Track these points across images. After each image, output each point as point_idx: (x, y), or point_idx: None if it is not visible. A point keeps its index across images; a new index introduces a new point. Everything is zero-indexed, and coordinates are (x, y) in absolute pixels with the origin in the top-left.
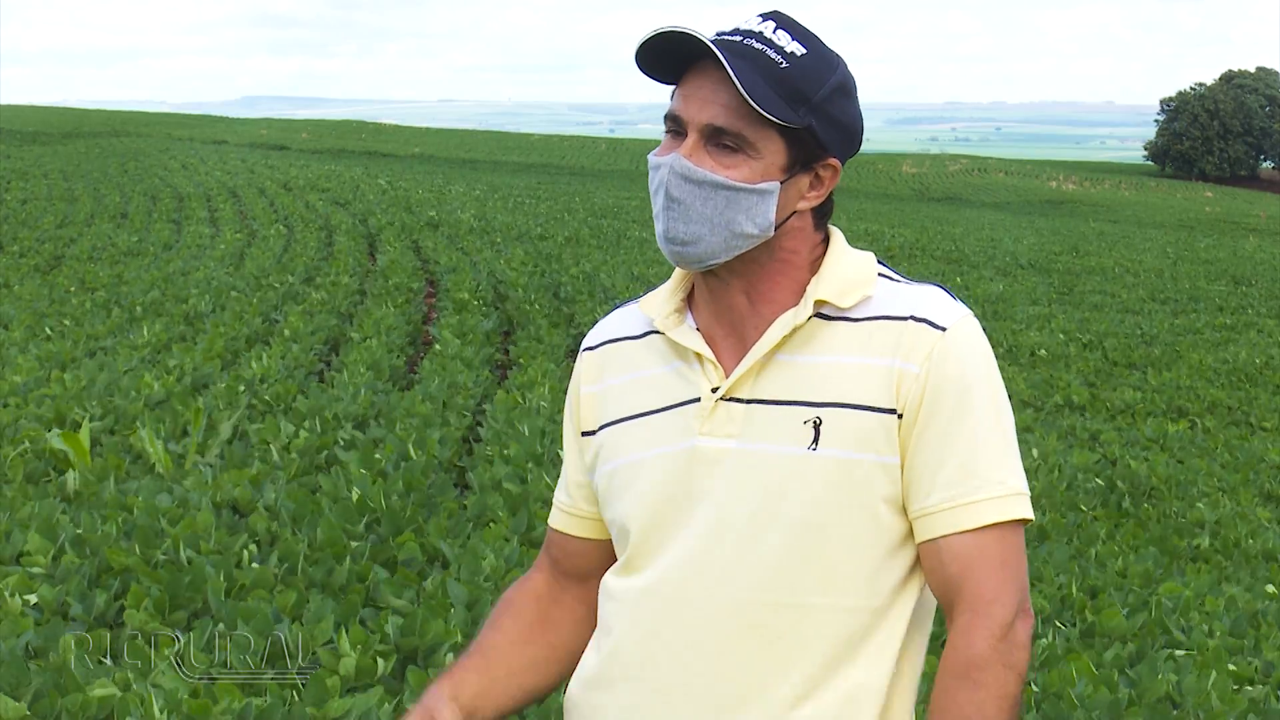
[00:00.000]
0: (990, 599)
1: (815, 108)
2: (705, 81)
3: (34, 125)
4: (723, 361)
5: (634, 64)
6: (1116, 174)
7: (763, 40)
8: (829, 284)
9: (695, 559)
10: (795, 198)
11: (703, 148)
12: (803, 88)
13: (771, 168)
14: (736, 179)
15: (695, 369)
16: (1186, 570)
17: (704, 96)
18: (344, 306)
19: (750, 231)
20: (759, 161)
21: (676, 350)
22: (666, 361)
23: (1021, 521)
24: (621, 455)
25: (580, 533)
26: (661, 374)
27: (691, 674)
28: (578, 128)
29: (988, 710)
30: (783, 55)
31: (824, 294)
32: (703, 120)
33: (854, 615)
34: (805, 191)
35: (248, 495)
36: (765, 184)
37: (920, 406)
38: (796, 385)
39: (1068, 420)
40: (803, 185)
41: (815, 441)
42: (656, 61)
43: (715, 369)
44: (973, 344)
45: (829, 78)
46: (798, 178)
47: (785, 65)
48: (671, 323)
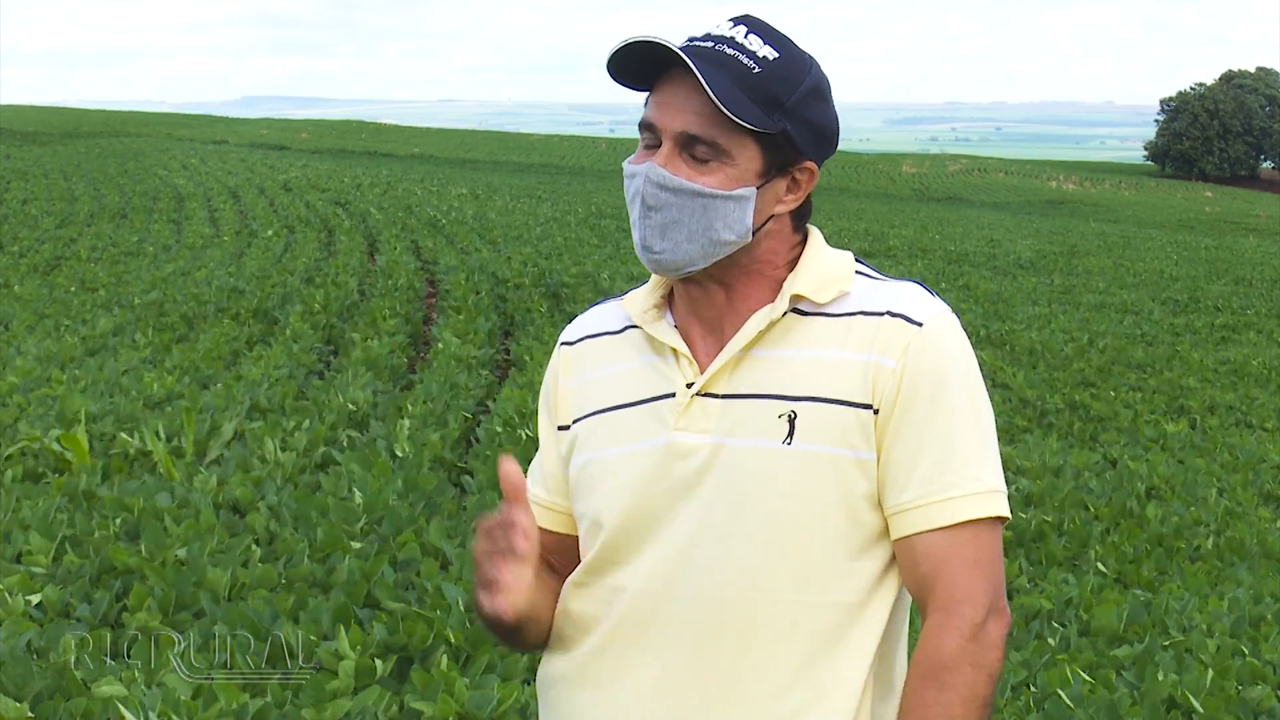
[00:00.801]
0: (961, 598)
1: (789, 111)
2: (678, 89)
3: (34, 125)
4: (698, 358)
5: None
6: (1116, 174)
7: (734, 45)
8: (806, 280)
9: (675, 556)
10: (772, 202)
11: (678, 155)
12: (776, 92)
13: (747, 173)
14: (712, 186)
15: (671, 364)
16: (1186, 570)
17: (677, 104)
18: (344, 306)
19: (728, 238)
20: (734, 168)
21: (653, 345)
22: (643, 356)
23: (998, 520)
24: (595, 448)
25: (556, 528)
26: (638, 368)
27: (673, 670)
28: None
29: (954, 711)
30: (755, 60)
31: (800, 289)
32: (676, 128)
33: (831, 610)
34: (782, 195)
35: (248, 495)
36: (741, 190)
37: (896, 402)
38: (772, 379)
39: (1068, 420)
40: (779, 189)
41: (790, 436)
42: (629, 70)
43: (691, 364)
44: (950, 339)
45: (802, 80)
46: (774, 182)
47: (758, 70)
48: (650, 318)
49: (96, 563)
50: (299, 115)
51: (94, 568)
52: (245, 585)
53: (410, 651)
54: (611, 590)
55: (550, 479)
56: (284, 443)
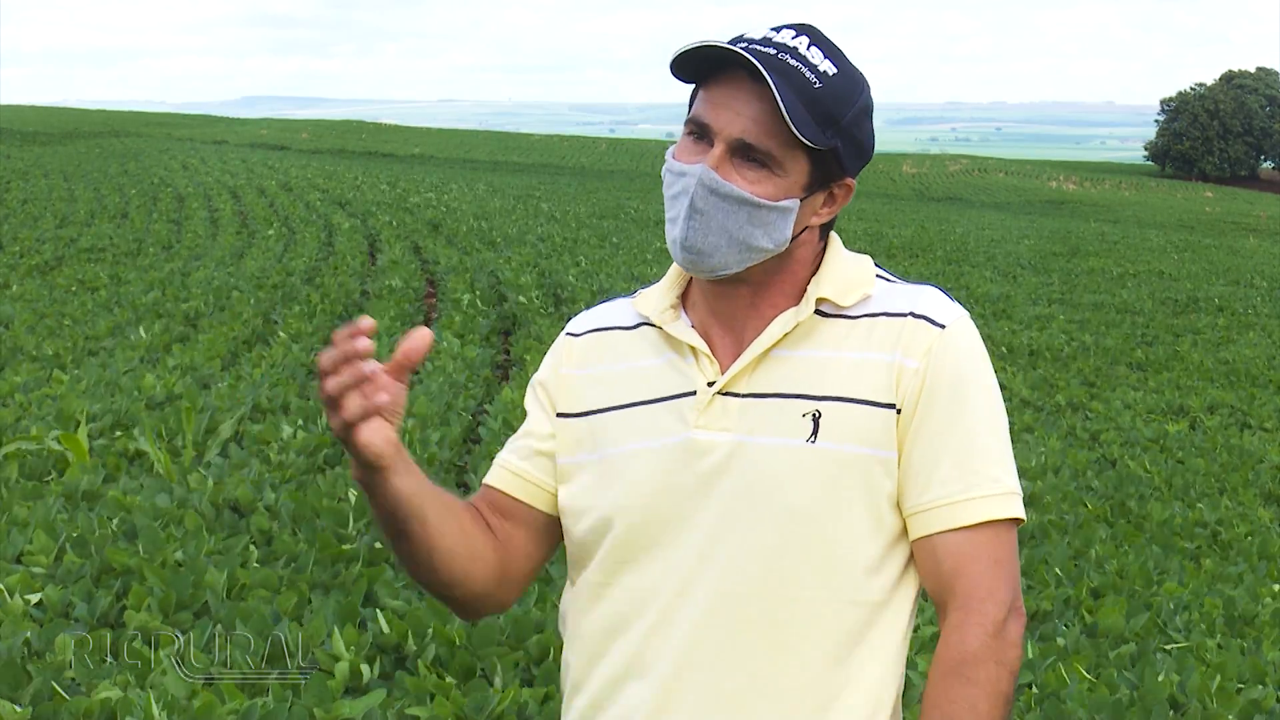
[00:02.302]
0: (984, 596)
1: (842, 130)
2: (738, 93)
3: (34, 125)
4: (718, 357)
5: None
6: (1116, 174)
7: (797, 57)
8: (830, 283)
9: (699, 553)
10: (810, 214)
11: (729, 160)
12: (833, 109)
13: (794, 186)
14: (761, 195)
15: (690, 362)
16: (1186, 570)
17: (736, 109)
18: (344, 306)
19: (765, 246)
20: (784, 179)
21: (670, 343)
22: (659, 354)
23: (1015, 521)
24: (612, 444)
25: (523, 497)
26: (654, 365)
27: (698, 669)
28: (578, 128)
29: (980, 707)
30: (816, 74)
31: (826, 292)
32: (733, 133)
33: (854, 608)
34: (819, 208)
35: (248, 495)
36: (787, 201)
37: (918, 402)
38: (795, 379)
39: (1068, 420)
40: (818, 202)
41: (814, 434)
42: (685, 65)
43: (712, 363)
44: (970, 343)
45: (857, 99)
46: (815, 195)
47: (819, 85)
48: (668, 318)
49: (96, 563)
50: (299, 115)
51: (94, 568)
52: (245, 586)
53: (406, 652)
54: (641, 591)
55: (534, 453)
56: (284, 443)
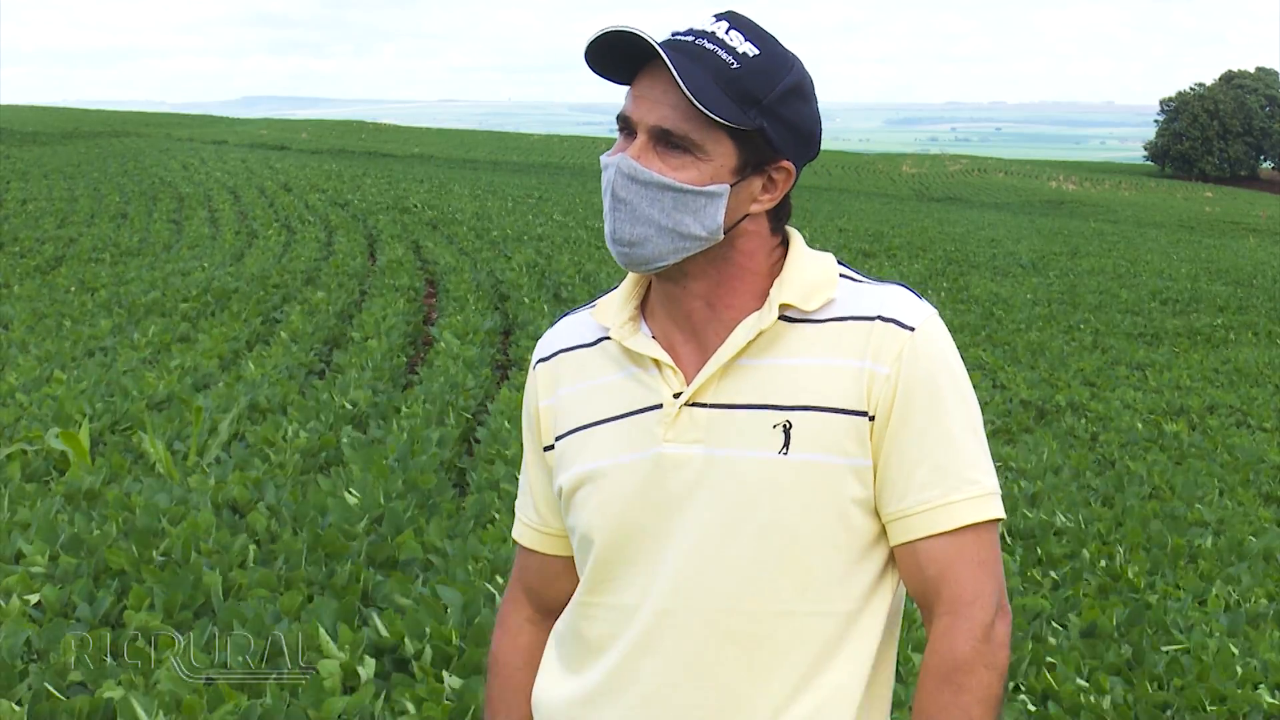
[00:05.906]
0: (970, 600)
1: (766, 109)
2: (655, 83)
3: (33, 125)
4: (682, 367)
5: (585, 65)
6: (1116, 174)
7: (714, 40)
8: (792, 287)
9: (676, 570)
10: (747, 200)
11: (652, 149)
12: (753, 89)
13: (722, 170)
14: (684, 180)
15: (654, 374)
16: (1186, 570)
17: (653, 98)
18: (344, 306)
19: (697, 233)
20: (708, 163)
21: (632, 356)
22: (622, 367)
23: (996, 521)
24: (581, 463)
25: (549, 550)
26: (618, 380)
27: (674, 687)
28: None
29: (973, 713)
30: (734, 56)
31: (788, 297)
32: (650, 121)
33: (829, 620)
34: (758, 194)
35: (248, 495)
36: (714, 186)
37: (892, 408)
38: (764, 389)
39: (1068, 420)
40: (755, 188)
41: (786, 446)
42: (611, 63)
43: (676, 374)
44: (941, 344)
45: (782, 79)
46: (749, 180)
47: (736, 66)
48: (627, 332)
49: (94, 563)
50: (298, 115)
51: (93, 568)
52: (244, 586)
53: (404, 653)
54: (621, 609)
55: (541, 501)
56: (284, 443)
